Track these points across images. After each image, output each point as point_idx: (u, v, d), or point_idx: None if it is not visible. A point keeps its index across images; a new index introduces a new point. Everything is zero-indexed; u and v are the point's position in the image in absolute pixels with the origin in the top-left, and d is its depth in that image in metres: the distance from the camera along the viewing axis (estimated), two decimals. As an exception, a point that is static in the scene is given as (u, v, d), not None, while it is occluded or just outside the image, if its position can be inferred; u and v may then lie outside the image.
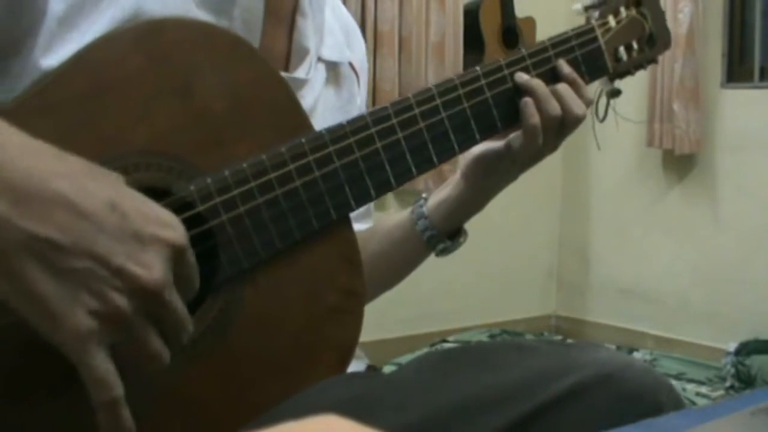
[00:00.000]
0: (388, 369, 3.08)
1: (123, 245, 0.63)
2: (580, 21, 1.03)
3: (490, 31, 3.75)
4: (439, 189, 1.03)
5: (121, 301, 0.62)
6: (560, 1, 4.01)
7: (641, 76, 1.08)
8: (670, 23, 1.08)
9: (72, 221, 0.62)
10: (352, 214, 0.84)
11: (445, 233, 1.02)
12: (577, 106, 0.95)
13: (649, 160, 3.88)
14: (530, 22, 3.86)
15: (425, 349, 3.46)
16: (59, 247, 0.61)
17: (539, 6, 3.93)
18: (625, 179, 3.97)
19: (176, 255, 0.65)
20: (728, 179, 3.66)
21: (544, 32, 4.01)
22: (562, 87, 0.95)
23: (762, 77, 3.60)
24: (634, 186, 3.96)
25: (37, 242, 0.61)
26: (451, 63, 3.66)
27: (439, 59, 3.62)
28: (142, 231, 0.64)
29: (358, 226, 1.00)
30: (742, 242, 3.59)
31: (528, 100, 0.93)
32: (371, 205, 1.03)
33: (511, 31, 3.78)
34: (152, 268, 0.63)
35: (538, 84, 0.93)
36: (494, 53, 3.72)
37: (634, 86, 3.58)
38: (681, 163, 3.77)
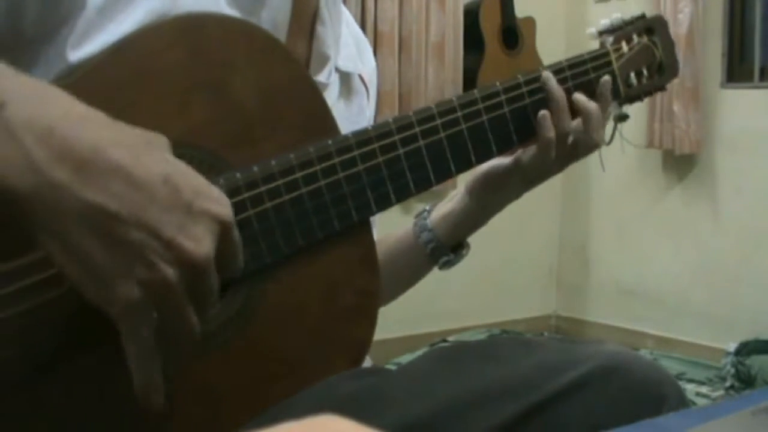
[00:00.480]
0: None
1: (175, 217, 0.64)
2: (581, 22, 1.04)
3: (490, 31, 3.75)
4: (443, 202, 1.05)
5: (169, 272, 0.63)
6: (560, 1, 4.01)
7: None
8: (670, 23, 1.10)
9: (128, 191, 0.63)
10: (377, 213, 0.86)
11: (448, 246, 1.03)
12: (598, 133, 0.98)
13: (649, 160, 3.88)
14: (530, 22, 3.86)
15: (425, 349, 3.47)
16: (114, 216, 0.62)
17: (539, 6, 3.93)
18: (625, 179, 3.97)
19: (223, 230, 0.66)
20: (728, 179, 3.67)
21: (544, 32, 4.02)
22: (594, 109, 0.97)
23: (762, 77, 3.60)
24: (634, 186, 3.96)
25: (93, 210, 0.62)
26: (451, 63, 3.66)
27: (439, 59, 3.62)
28: (192, 204, 0.65)
29: None
30: (742, 242, 3.60)
31: (545, 113, 0.95)
32: (375, 216, 1.05)
33: (511, 31, 3.78)
34: (201, 242, 0.64)
35: (561, 96, 0.95)
36: (494, 53, 3.73)
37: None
38: (681, 163, 3.78)
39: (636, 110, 1.10)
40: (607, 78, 0.99)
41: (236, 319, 0.78)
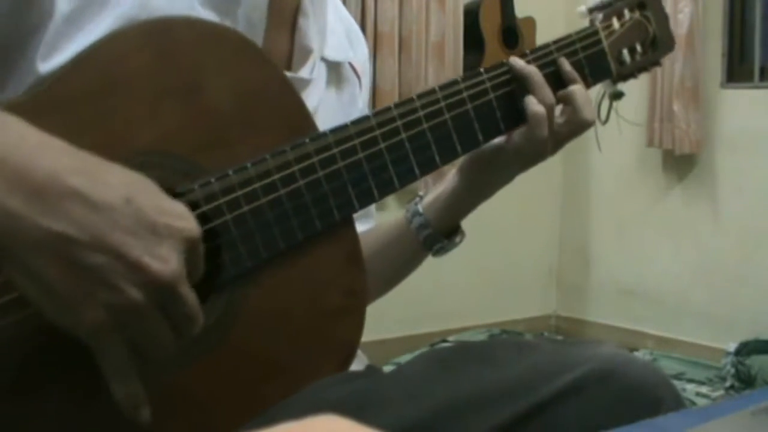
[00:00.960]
0: (387, 369, 3.08)
1: (138, 238, 0.63)
2: (581, 22, 1.03)
3: (490, 31, 3.75)
4: (435, 186, 1.02)
5: (136, 293, 0.63)
6: (560, 1, 4.01)
7: (641, 77, 1.08)
8: (670, 23, 1.08)
9: (87, 215, 0.62)
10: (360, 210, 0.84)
11: (441, 232, 1.00)
12: (588, 111, 0.95)
13: (649, 160, 3.88)
14: (530, 22, 3.86)
15: (425, 349, 3.46)
16: (75, 242, 0.61)
17: (539, 6, 3.92)
18: (625, 179, 3.97)
19: (189, 246, 0.66)
20: (728, 179, 3.66)
21: (544, 32, 4.02)
22: (574, 89, 0.95)
23: (762, 77, 3.60)
24: (634, 186, 3.96)
25: (52, 238, 0.61)
26: (451, 63, 3.66)
27: (439, 59, 3.62)
28: (157, 223, 0.64)
29: (358, 227, 1.00)
30: (742, 242, 3.59)
31: (530, 96, 0.92)
32: (372, 206, 1.03)
33: (511, 31, 3.78)
34: (168, 261, 0.64)
35: (532, 72, 0.93)
36: (494, 53, 3.72)
37: (634, 87, 3.57)
38: (681, 163, 3.77)
39: (634, 82, 1.08)
40: (562, 59, 0.95)
41: (219, 326, 0.76)
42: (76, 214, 0.62)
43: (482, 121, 0.90)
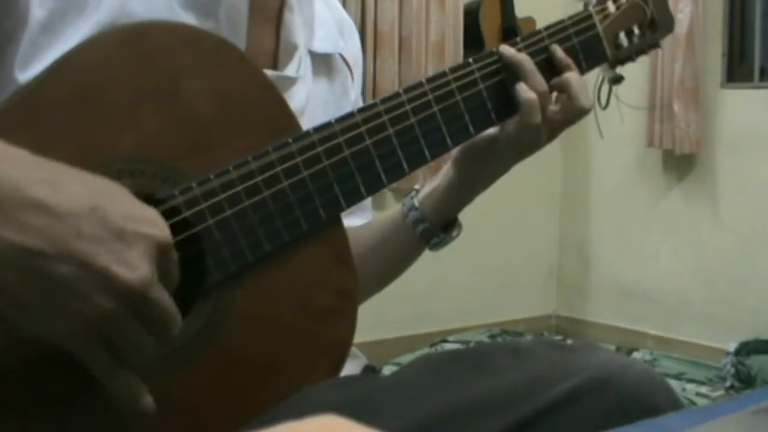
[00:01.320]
0: (387, 369, 3.08)
1: (106, 246, 0.62)
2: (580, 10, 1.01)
3: (490, 31, 3.75)
4: (430, 180, 1.00)
5: (106, 302, 0.62)
6: (560, 1, 4.01)
7: (641, 76, 1.08)
8: (668, 3, 1.05)
9: (51, 226, 0.61)
10: (348, 209, 0.83)
11: (437, 225, 0.98)
12: (584, 98, 0.93)
13: (649, 160, 3.88)
14: (530, 22, 3.86)
15: (425, 349, 3.46)
16: (39, 253, 0.60)
17: (539, 6, 3.92)
18: (625, 179, 3.97)
19: (160, 252, 0.65)
20: (728, 179, 3.66)
21: (544, 32, 3.99)
22: (569, 77, 0.93)
23: (762, 77, 3.59)
24: (634, 186, 3.96)
25: (15, 251, 0.60)
26: (451, 63, 3.65)
27: (439, 59, 3.62)
28: (124, 230, 0.63)
29: (354, 221, 0.98)
30: (742, 242, 3.59)
31: (521, 83, 0.90)
32: (368, 200, 1.03)
33: (511, 31, 3.78)
34: (136, 268, 0.63)
35: (523, 59, 0.91)
36: (494, 53, 3.72)
37: (634, 86, 3.58)
38: (681, 163, 3.77)
39: (634, 82, 1.06)
40: (554, 46, 0.93)
41: (206, 332, 0.75)
42: (38, 225, 0.61)
43: (473, 112, 0.89)
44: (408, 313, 3.57)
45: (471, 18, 3.73)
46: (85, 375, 0.66)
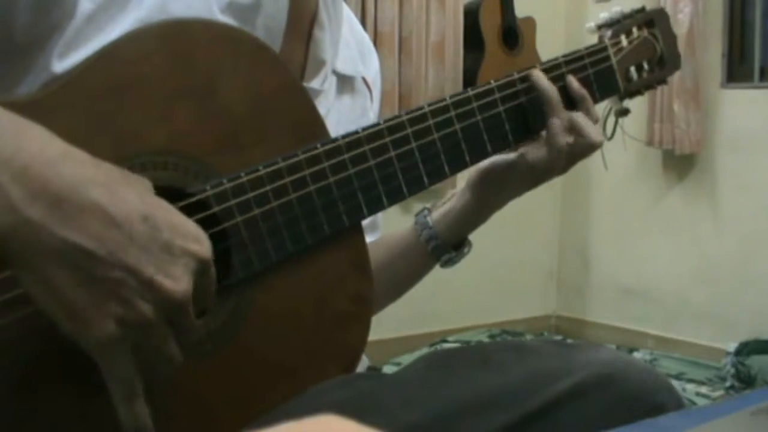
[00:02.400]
0: (388, 369, 3.08)
1: (153, 256, 0.64)
2: (580, 22, 1.03)
3: (490, 31, 3.75)
4: (443, 200, 1.04)
5: (147, 310, 0.63)
6: (560, 1, 4.01)
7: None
8: (677, 43, 1.09)
9: (106, 231, 0.63)
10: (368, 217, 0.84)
11: (449, 244, 1.02)
12: (595, 133, 0.96)
13: (649, 160, 3.88)
14: (530, 22, 3.86)
15: (425, 349, 3.46)
16: (92, 255, 0.62)
17: (539, 6, 3.92)
18: (625, 179, 3.97)
19: (201, 268, 0.67)
20: (728, 179, 3.66)
21: (544, 32, 4.03)
22: (578, 115, 0.96)
23: (762, 77, 3.60)
24: (634, 186, 3.96)
25: (70, 249, 0.61)
26: (451, 63, 3.66)
27: (439, 59, 3.62)
28: (172, 243, 0.65)
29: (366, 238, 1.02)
30: (743, 242, 3.59)
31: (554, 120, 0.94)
32: (379, 218, 1.04)
33: (511, 31, 3.78)
34: (180, 281, 0.64)
35: (554, 91, 0.95)
36: (494, 53, 3.72)
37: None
38: (681, 163, 3.77)
39: (637, 108, 1.09)
40: (569, 78, 0.97)
41: (226, 329, 0.76)
42: (94, 228, 0.62)
43: (491, 132, 0.91)
44: (408, 313, 3.56)
45: (471, 18, 3.73)
46: (90, 370, 0.66)
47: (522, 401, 0.72)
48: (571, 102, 0.97)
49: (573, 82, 0.97)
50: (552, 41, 3.87)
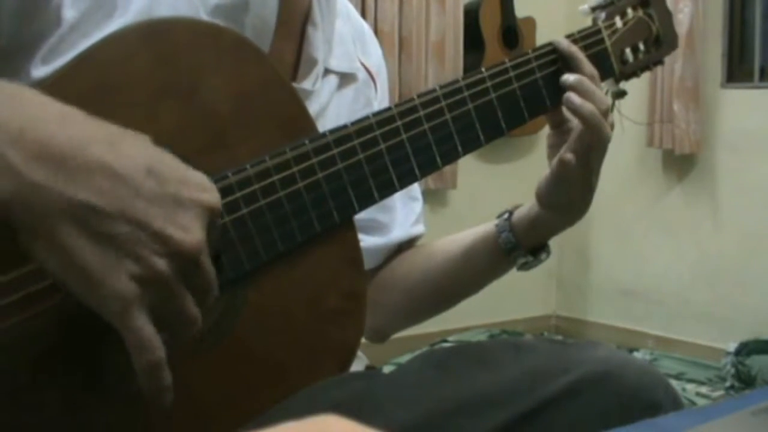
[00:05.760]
0: (387, 369, 3.08)
1: (161, 208, 0.63)
2: (581, 22, 1.02)
3: (490, 31, 3.75)
4: (525, 205, 1.02)
5: (161, 264, 0.62)
6: (560, 1, 4.01)
7: (641, 76, 1.08)
8: (673, 21, 1.07)
9: (111, 186, 0.62)
10: (415, 217, 0.82)
11: (527, 248, 1.00)
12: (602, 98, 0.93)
13: (649, 160, 3.88)
14: (530, 22, 3.86)
15: (425, 349, 3.46)
16: (99, 211, 0.61)
17: (539, 6, 3.93)
18: (625, 179, 3.97)
19: (212, 216, 0.66)
20: (728, 179, 3.66)
21: (544, 32, 4.02)
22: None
23: (762, 77, 3.60)
24: (634, 186, 3.96)
25: (77, 207, 0.61)
26: (452, 63, 3.66)
27: (439, 59, 3.62)
28: (179, 194, 0.64)
29: (420, 229, 1.05)
30: (742, 242, 3.59)
31: (570, 94, 0.91)
32: (420, 209, 1.05)
33: (511, 31, 3.78)
34: (191, 231, 0.64)
35: (583, 77, 0.92)
36: (494, 53, 3.73)
37: (634, 86, 3.57)
38: (681, 163, 3.77)
39: (633, 82, 1.07)
40: (565, 76, 0.93)
41: (218, 329, 0.76)
42: (99, 184, 0.62)
43: (483, 121, 0.89)
44: (408, 313, 3.56)
45: (471, 18, 3.73)
46: (99, 359, 0.66)
47: (518, 400, 0.72)
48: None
49: (562, 42, 0.94)
50: (552, 41, 3.87)
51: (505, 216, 1.01)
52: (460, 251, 1.03)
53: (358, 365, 0.91)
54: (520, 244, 1.00)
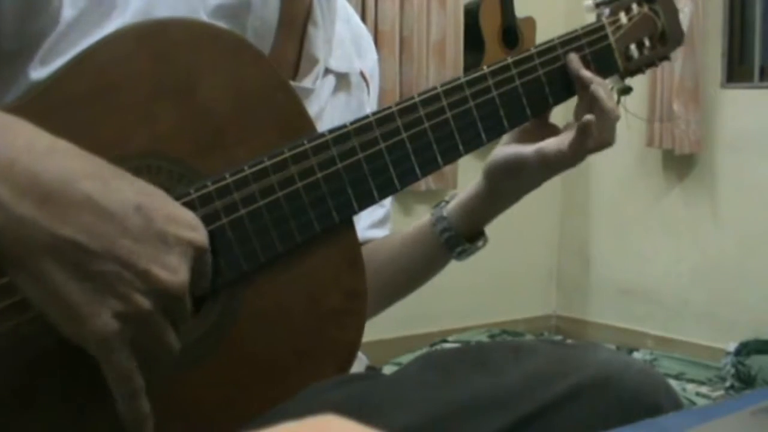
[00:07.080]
0: (388, 369, 3.08)
1: (148, 247, 0.63)
2: (581, 22, 1.02)
3: (490, 31, 3.75)
4: (460, 192, 1.02)
5: (144, 302, 0.63)
6: (560, 1, 4.01)
7: (641, 76, 1.07)
8: (679, 16, 1.05)
9: (98, 223, 0.62)
10: (371, 221, 0.81)
11: (463, 235, 1.00)
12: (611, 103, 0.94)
13: (649, 160, 3.88)
14: (530, 22, 3.86)
15: (425, 349, 3.46)
16: (85, 249, 0.61)
17: (539, 6, 3.93)
18: (625, 179, 3.97)
19: (198, 256, 0.66)
20: (728, 179, 3.66)
21: (544, 32, 4.02)
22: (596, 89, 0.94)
23: (762, 77, 3.60)
24: (634, 186, 3.96)
25: (62, 244, 0.61)
26: (452, 63, 3.66)
27: (439, 59, 3.62)
28: (166, 232, 0.64)
29: (376, 233, 1.02)
30: (742, 242, 3.59)
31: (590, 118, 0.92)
32: (390, 211, 1.03)
33: (511, 31, 3.78)
34: (177, 271, 0.64)
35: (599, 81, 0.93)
36: (494, 53, 3.73)
37: (634, 86, 3.57)
38: (681, 163, 3.77)
39: (633, 81, 1.07)
40: (572, 55, 0.93)
41: (215, 331, 0.75)
42: (86, 221, 0.61)
43: (485, 119, 0.89)
44: (408, 313, 3.56)
45: (471, 18, 3.73)
46: (91, 374, 0.66)
47: (519, 403, 0.72)
48: (570, 83, 0.94)
49: (573, 61, 0.94)
50: (552, 41, 3.87)
51: (441, 205, 1.01)
52: (398, 243, 1.03)
53: (358, 366, 0.91)
54: (456, 232, 1.00)
